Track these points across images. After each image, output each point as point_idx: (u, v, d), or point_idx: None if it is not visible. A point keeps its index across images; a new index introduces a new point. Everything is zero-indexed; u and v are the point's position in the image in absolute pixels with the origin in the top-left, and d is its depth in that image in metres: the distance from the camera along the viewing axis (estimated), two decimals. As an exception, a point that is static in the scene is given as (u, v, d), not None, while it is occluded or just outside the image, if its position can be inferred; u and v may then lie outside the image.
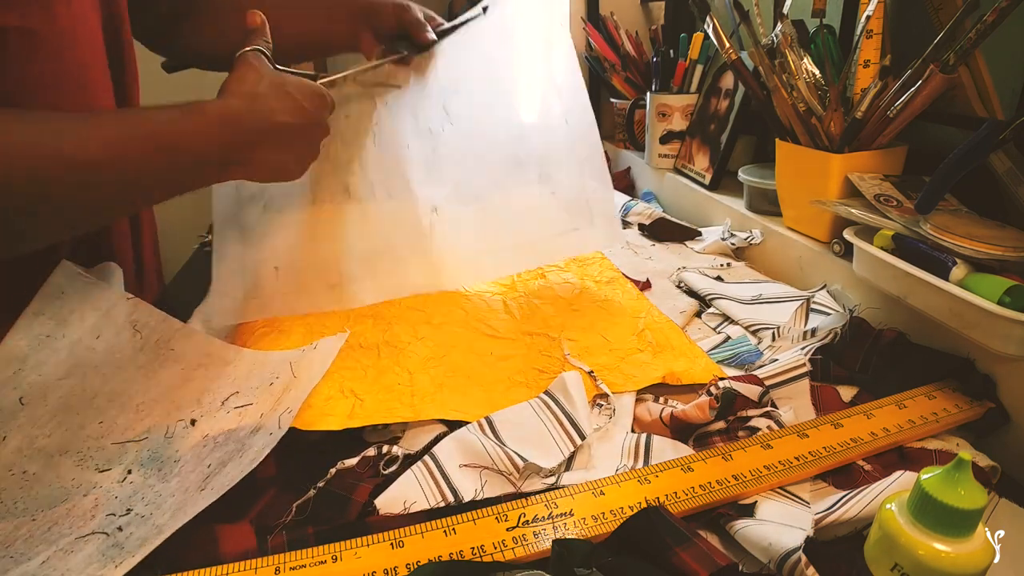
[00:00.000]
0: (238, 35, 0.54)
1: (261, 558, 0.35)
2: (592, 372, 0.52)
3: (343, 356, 0.54)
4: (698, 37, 0.94)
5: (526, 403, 0.48)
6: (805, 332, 0.57)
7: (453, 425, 0.46)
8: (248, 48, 0.53)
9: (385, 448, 0.44)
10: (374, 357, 0.54)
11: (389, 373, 0.52)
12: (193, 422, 0.46)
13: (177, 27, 0.66)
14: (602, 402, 0.50)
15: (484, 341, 0.58)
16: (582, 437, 0.44)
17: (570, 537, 0.36)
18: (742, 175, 0.80)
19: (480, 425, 0.45)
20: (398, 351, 0.55)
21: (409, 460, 0.43)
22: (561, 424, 0.46)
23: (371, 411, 0.47)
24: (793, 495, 0.40)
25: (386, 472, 0.43)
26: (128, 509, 0.39)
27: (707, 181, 0.90)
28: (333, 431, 0.46)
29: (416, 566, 0.34)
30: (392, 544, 0.36)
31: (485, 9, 0.67)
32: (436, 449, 0.43)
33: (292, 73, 0.55)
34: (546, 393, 0.49)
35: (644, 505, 0.38)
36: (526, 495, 0.40)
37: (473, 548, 0.35)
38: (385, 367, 0.53)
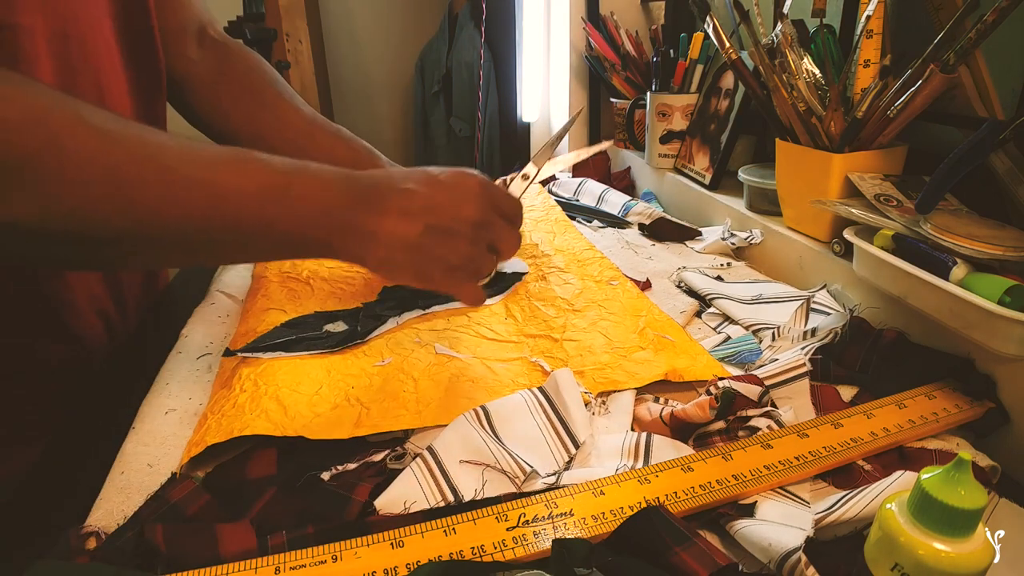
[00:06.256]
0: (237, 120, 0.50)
1: (261, 558, 0.35)
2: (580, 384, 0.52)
3: (348, 364, 0.54)
4: (698, 37, 0.94)
5: (520, 397, 0.48)
6: (805, 332, 0.57)
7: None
8: None
9: (395, 449, 0.45)
10: (378, 365, 0.54)
11: (394, 380, 0.52)
12: None
13: (184, 87, 0.63)
14: (603, 399, 0.50)
15: (487, 345, 0.58)
16: (576, 446, 0.45)
17: (570, 537, 0.36)
18: (742, 175, 0.80)
19: (477, 415, 0.46)
20: (402, 358, 0.55)
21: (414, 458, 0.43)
22: (555, 429, 0.46)
23: (377, 419, 0.47)
24: (793, 495, 0.40)
25: (393, 466, 0.43)
26: None
27: (707, 181, 0.90)
28: (333, 431, 0.46)
29: (416, 566, 0.34)
30: (392, 544, 0.36)
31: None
32: (435, 443, 0.43)
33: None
34: (540, 391, 0.49)
35: (644, 505, 0.38)
36: (526, 495, 0.40)
37: (473, 548, 0.35)
38: (390, 374, 0.53)
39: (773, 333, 0.58)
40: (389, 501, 0.39)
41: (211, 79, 0.61)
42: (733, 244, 0.79)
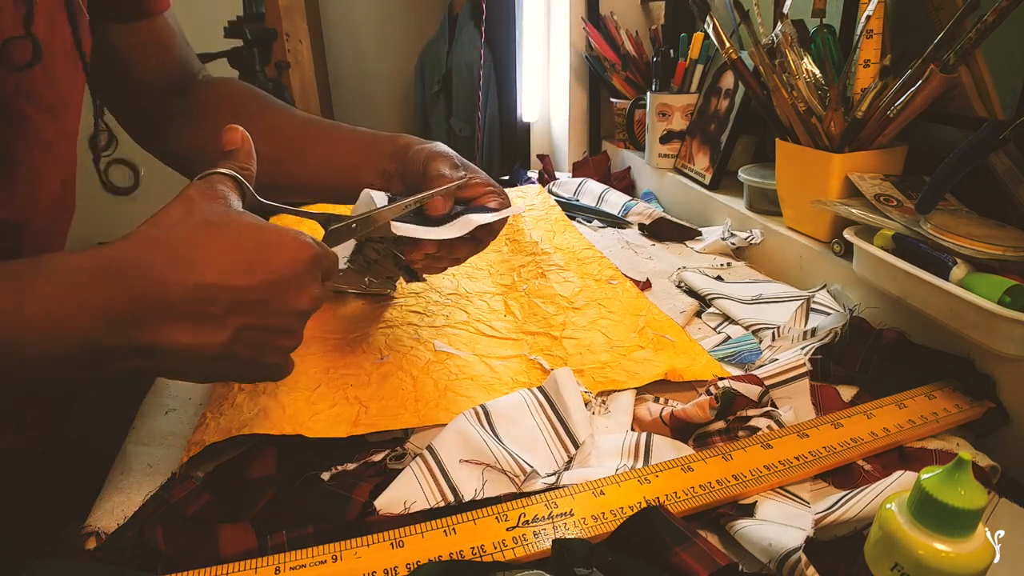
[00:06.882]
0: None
1: (261, 558, 0.35)
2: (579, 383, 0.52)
3: (347, 362, 0.54)
4: (698, 37, 0.94)
5: (519, 396, 0.48)
6: (805, 332, 0.57)
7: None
8: (203, 173, 0.38)
9: (395, 449, 0.45)
10: (377, 362, 0.54)
11: (392, 378, 0.52)
12: None
13: (165, 130, 0.58)
14: (603, 399, 0.50)
15: (486, 342, 0.58)
16: (576, 445, 0.44)
17: (570, 537, 0.36)
18: (742, 175, 0.80)
19: (476, 414, 0.46)
20: (401, 355, 0.55)
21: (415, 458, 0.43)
22: (555, 429, 0.46)
23: (376, 418, 0.47)
24: (793, 495, 0.40)
25: (393, 466, 0.43)
26: None
27: (707, 181, 0.90)
28: (333, 431, 0.46)
29: (416, 566, 0.34)
30: (392, 544, 0.36)
31: None
32: (435, 442, 0.43)
33: (275, 208, 0.39)
34: (540, 390, 0.49)
35: (644, 505, 0.38)
36: (526, 495, 0.40)
37: (473, 548, 0.35)
38: (388, 372, 0.53)
39: (773, 333, 0.58)
40: (389, 501, 0.39)
41: (195, 119, 0.58)
42: (733, 244, 0.79)
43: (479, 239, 0.53)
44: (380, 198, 0.50)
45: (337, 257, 0.40)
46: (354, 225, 0.45)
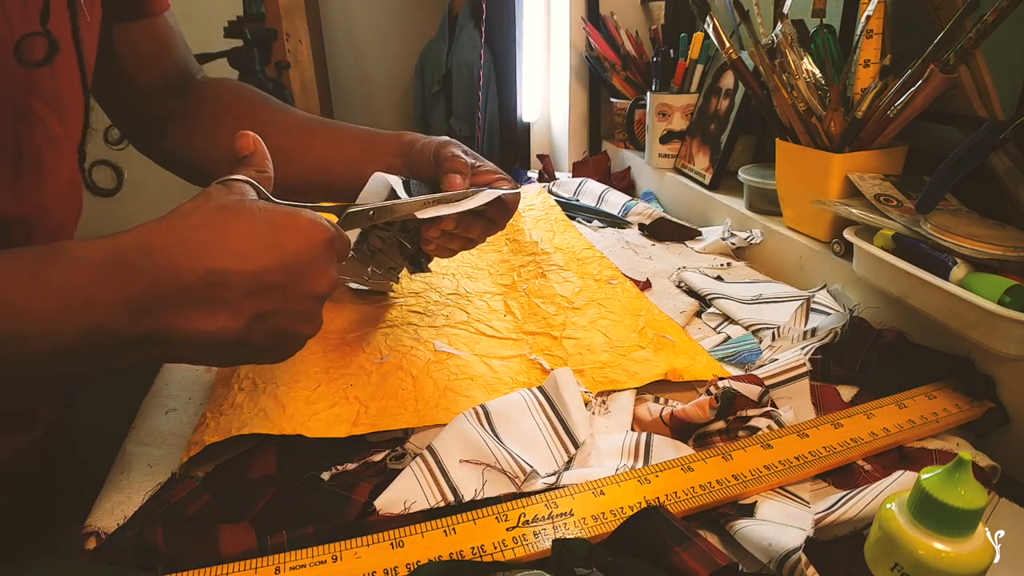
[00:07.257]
0: (226, 149, 0.40)
1: (261, 558, 0.35)
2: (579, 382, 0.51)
3: (346, 361, 0.54)
4: (698, 37, 0.94)
5: (519, 396, 0.48)
6: (805, 332, 0.57)
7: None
8: (220, 180, 0.38)
9: (395, 449, 0.45)
10: (377, 362, 0.54)
11: (392, 378, 0.52)
12: None
13: (162, 131, 0.58)
14: (603, 399, 0.50)
15: (486, 342, 0.58)
16: (576, 446, 0.44)
17: (570, 537, 0.36)
18: (742, 175, 0.80)
19: (476, 414, 0.46)
20: (401, 355, 0.55)
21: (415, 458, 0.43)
22: (555, 429, 0.46)
23: (376, 417, 0.47)
24: (793, 495, 0.40)
25: (393, 466, 0.43)
26: None
27: (707, 181, 0.90)
28: (333, 431, 0.46)
29: (416, 566, 0.34)
30: (392, 544, 0.36)
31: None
32: (435, 442, 0.43)
33: (295, 207, 0.38)
34: (540, 390, 0.49)
35: (644, 505, 0.38)
36: (526, 495, 0.40)
37: (473, 548, 0.35)
38: (388, 372, 0.53)
39: (773, 333, 0.58)
40: (389, 501, 0.39)
41: (194, 118, 0.58)
42: (733, 244, 0.79)
43: (493, 220, 0.54)
44: (396, 181, 0.51)
45: (350, 240, 0.40)
46: (371, 212, 0.45)
